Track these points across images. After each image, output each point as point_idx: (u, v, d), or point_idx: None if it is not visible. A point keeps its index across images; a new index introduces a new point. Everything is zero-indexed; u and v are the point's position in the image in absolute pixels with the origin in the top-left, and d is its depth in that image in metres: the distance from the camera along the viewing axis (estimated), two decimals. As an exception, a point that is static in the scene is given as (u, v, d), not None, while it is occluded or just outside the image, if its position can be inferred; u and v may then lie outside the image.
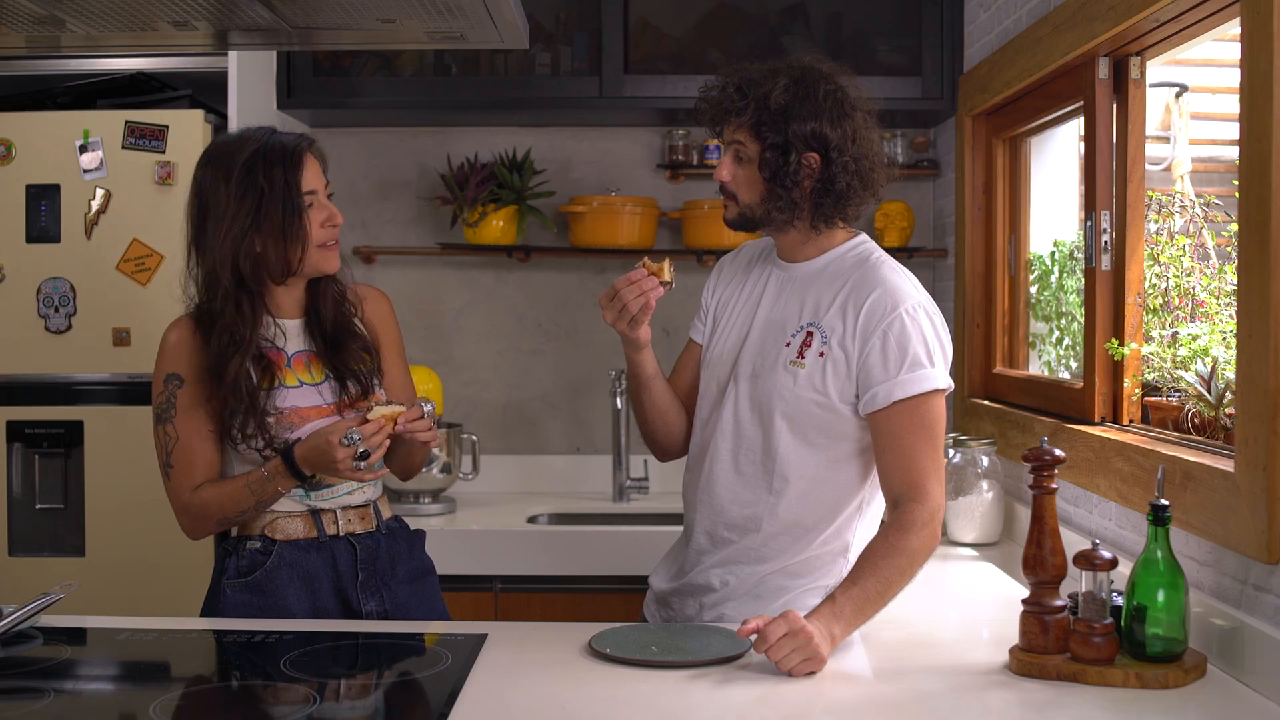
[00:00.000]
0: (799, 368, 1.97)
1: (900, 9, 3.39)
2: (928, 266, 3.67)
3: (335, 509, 2.13)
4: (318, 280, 2.17)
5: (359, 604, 2.11)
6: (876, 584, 1.81)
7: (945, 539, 2.86)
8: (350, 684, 1.76)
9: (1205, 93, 2.81)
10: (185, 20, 1.92)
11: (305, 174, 2.08)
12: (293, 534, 2.11)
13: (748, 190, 2.00)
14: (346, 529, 2.13)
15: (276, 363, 2.11)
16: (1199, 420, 2.11)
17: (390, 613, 2.14)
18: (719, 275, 2.21)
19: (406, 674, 1.79)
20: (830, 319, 1.97)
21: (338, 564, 2.12)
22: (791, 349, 1.99)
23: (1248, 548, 1.73)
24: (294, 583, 2.09)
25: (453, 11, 1.88)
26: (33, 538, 3.07)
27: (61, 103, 3.16)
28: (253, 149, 2.05)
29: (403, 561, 2.20)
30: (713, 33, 3.43)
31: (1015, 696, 1.68)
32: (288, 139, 2.10)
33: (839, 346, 1.95)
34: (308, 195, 2.08)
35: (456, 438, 3.32)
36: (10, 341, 3.05)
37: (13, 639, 1.86)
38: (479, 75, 3.41)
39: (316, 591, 2.10)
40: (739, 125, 1.98)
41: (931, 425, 1.93)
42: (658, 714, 1.60)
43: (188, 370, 2.09)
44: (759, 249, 2.19)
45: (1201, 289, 2.32)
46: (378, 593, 2.14)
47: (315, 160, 2.13)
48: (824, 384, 1.96)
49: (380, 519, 2.20)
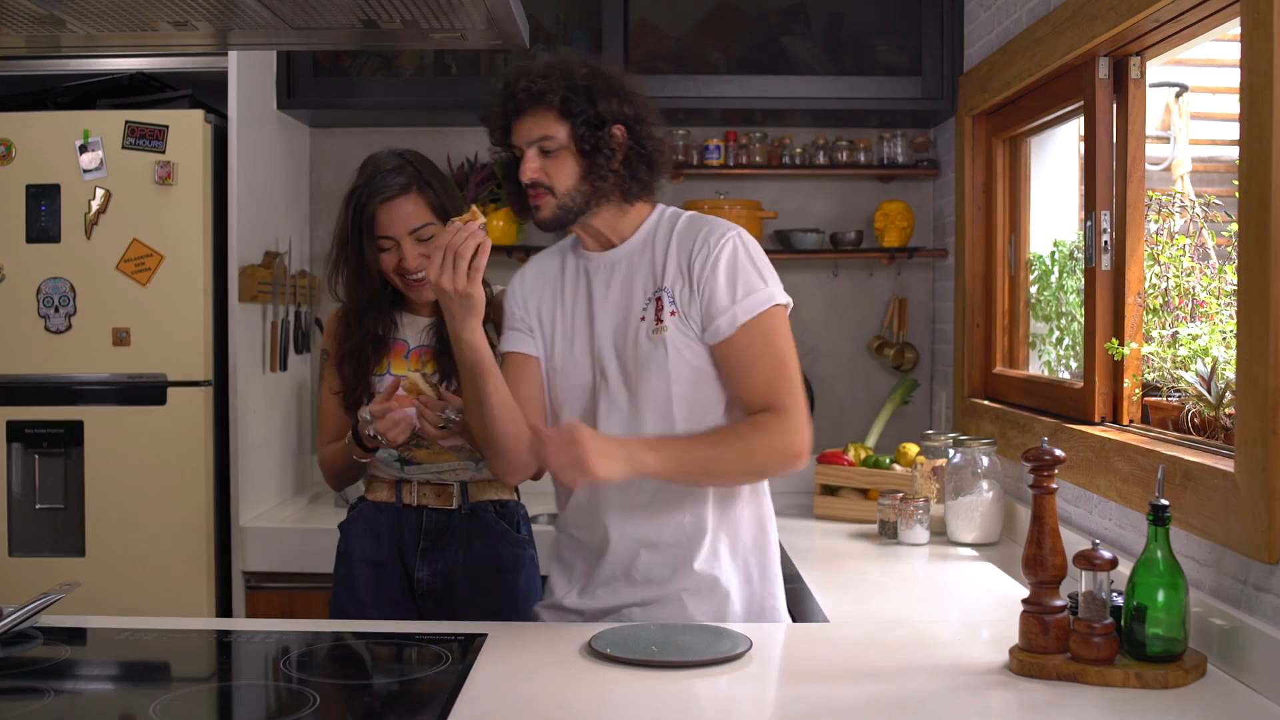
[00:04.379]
0: (663, 332, 1.97)
1: (900, 9, 3.39)
2: (928, 266, 3.67)
3: (416, 482, 2.35)
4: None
5: (414, 568, 2.34)
6: (708, 450, 1.90)
7: (945, 539, 2.86)
8: (350, 684, 1.76)
9: (1205, 93, 2.81)
10: (185, 20, 1.92)
11: (382, 219, 2.25)
12: (378, 496, 2.39)
13: (563, 177, 1.96)
14: (421, 501, 2.35)
15: (395, 351, 2.35)
16: (1199, 420, 2.11)
17: (439, 587, 2.33)
18: (523, 285, 2.12)
19: (406, 674, 1.79)
20: (669, 277, 1.99)
21: (404, 528, 2.35)
22: (648, 320, 1.99)
23: (1248, 548, 1.73)
24: (365, 535, 2.37)
25: (453, 11, 1.88)
26: (33, 538, 3.07)
27: (61, 103, 3.16)
28: (355, 185, 2.29)
29: (475, 546, 2.34)
30: (713, 33, 3.44)
31: (1015, 696, 1.68)
32: (380, 182, 2.26)
33: (683, 296, 1.97)
34: (384, 240, 2.26)
35: (457, 438, 3.32)
36: (10, 341, 3.05)
37: (13, 639, 1.86)
38: (479, 75, 3.42)
39: (379, 546, 2.35)
40: (544, 113, 1.94)
41: (780, 344, 1.95)
42: (658, 714, 1.60)
43: (330, 348, 2.40)
44: (556, 255, 2.13)
45: (1201, 289, 2.32)
46: (434, 564, 2.33)
47: (407, 203, 2.26)
48: (687, 338, 1.97)
49: (465, 500, 2.35)
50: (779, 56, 3.42)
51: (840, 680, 1.72)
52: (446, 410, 2.14)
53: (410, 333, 2.36)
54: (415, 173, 2.29)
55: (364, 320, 2.33)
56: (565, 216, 1.99)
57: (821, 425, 3.70)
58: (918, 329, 3.71)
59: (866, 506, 3.12)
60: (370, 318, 2.33)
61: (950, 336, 3.40)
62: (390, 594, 2.34)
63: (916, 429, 3.59)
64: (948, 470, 2.88)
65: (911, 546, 2.79)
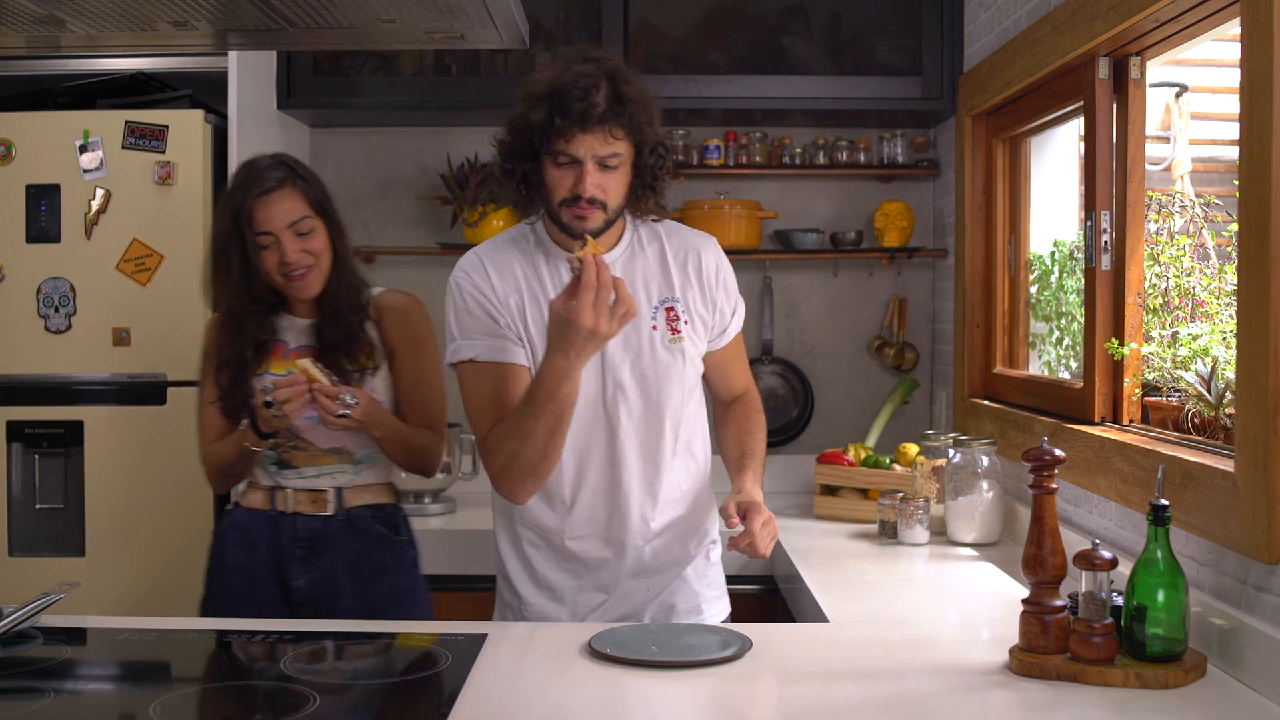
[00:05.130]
0: (680, 342, 2.06)
1: (900, 9, 3.39)
2: (928, 266, 3.67)
3: (291, 489, 2.34)
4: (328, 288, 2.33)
5: (291, 576, 2.31)
6: (763, 450, 2.20)
7: (945, 539, 2.86)
8: (350, 684, 1.76)
9: (1205, 93, 2.80)
10: (185, 20, 1.92)
11: (260, 215, 2.24)
12: (252, 503, 2.37)
13: (616, 193, 1.97)
14: (296, 508, 2.33)
15: (274, 352, 2.33)
16: (1199, 420, 2.11)
17: (318, 594, 2.31)
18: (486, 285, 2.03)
19: (407, 674, 1.79)
20: (676, 288, 2.07)
21: (280, 537, 2.33)
22: (660, 330, 2.05)
23: (1248, 548, 1.73)
24: (238, 544, 2.34)
25: (453, 11, 1.88)
26: (33, 538, 3.07)
27: (61, 103, 3.16)
28: (230, 188, 2.27)
29: (353, 551, 2.33)
30: (713, 33, 3.44)
31: (1015, 696, 1.68)
32: (256, 177, 2.26)
33: (694, 308, 2.09)
34: (263, 236, 2.24)
35: (456, 438, 3.32)
36: (10, 341, 3.05)
37: (13, 639, 1.86)
38: (479, 75, 3.42)
39: (254, 555, 2.33)
40: (616, 130, 1.91)
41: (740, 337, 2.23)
42: (658, 714, 1.60)
43: (211, 352, 2.37)
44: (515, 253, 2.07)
45: (1201, 289, 2.32)
46: (312, 572, 2.31)
47: (286, 196, 2.26)
48: (698, 347, 2.10)
49: (341, 506, 2.34)
50: (779, 56, 3.42)
51: (840, 680, 1.72)
52: (342, 395, 2.19)
53: (290, 334, 2.35)
54: (290, 169, 2.29)
55: (244, 327, 2.30)
56: (606, 227, 2.00)
57: (821, 425, 3.70)
58: (918, 329, 3.71)
59: (866, 506, 3.11)
60: (251, 323, 2.30)
61: (950, 336, 3.40)
62: (263, 604, 2.30)
63: (916, 429, 3.59)
64: (948, 470, 2.88)
65: (911, 546, 2.79)
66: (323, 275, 2.30)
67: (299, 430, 2.30)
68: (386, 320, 2.38)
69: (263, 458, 2.33)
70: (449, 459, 3.30)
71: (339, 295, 2.32)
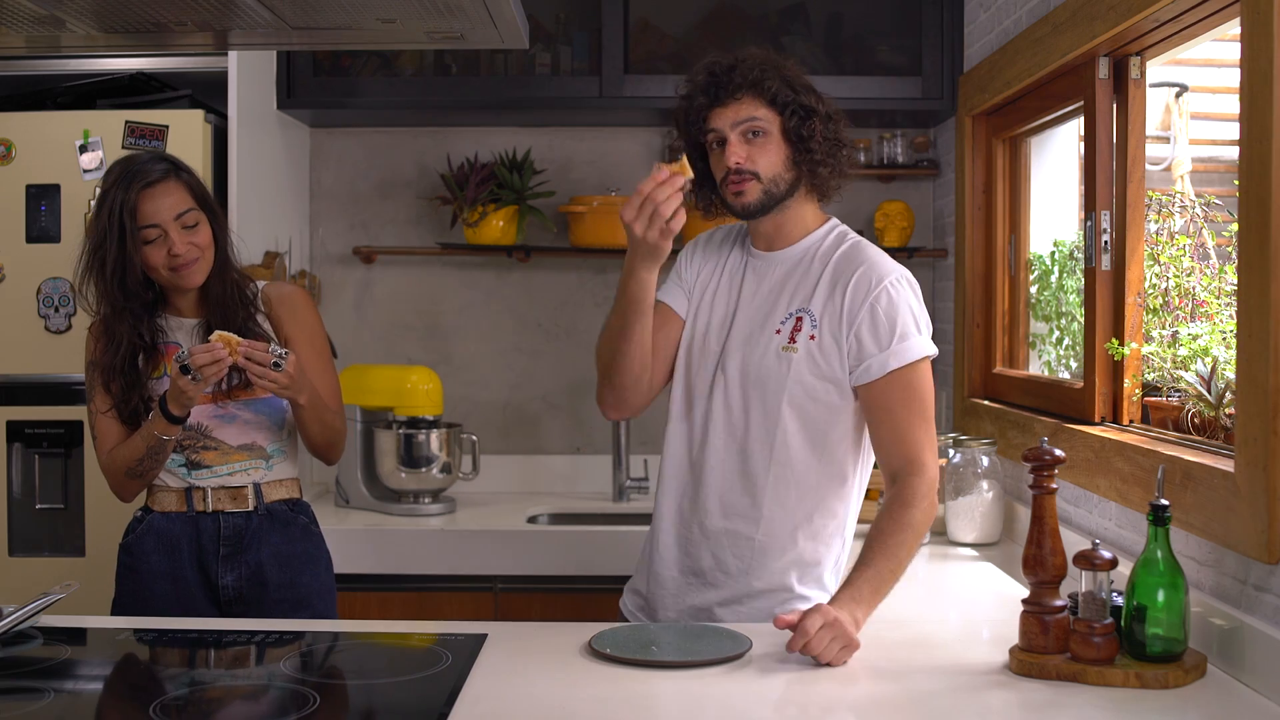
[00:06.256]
0: (792, 353, 2.00)
1: (900, 9, 3.39)
2: (928, 266, 3.67)
3: (208, 488, 2.31)
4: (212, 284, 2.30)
5: (217, 576, 2.30)
6: (888, 563, 1.87)
7: (945, 539, 2.86)
8: (350, 684, 1.76)
9: (1205, 93, 2.81)
10: (185, 20, 1.92)
11: (146, 208, 2.20)
12: (166, 506, 2.33)
13: (769, 162, 2.00)
14: (216, 506, 2.32)
15: (170, 353, 2.28)
16: (1199, 420, 2.11)
17: (246, 590, 2.30)
18: (696, 250, 2.18)
19: (406, 674, 1.79)
20: (817, 301, 2.01)
21: (201, 537, 2.31)
22: (782, 335, 2.02)
23: (1248, 548, 1.73)
24: (158, 549, 2.31)
25: (453, 11, 1.88)
26: (33, 538, 3.07)
27: (61, 103, 3.16)
28: (108, 185, 2.22)
29: (278, 543, 2.33)
30: (713, 33, 3.43)
31: (1015, 696, 1.68)
32: (139, 170, 2.21)
33: (828, 326, 1.99)
34: (149, 230, 2.21)
35: (456, 437, 3.32)
36: (10, 341, 3.05)
37: (13, 639, 1.86)
38: (479, 75, 3.41)
39: (176, 559, 2.30)
40: (750, 99, 1.98)
41: (923, 395, 1.98)
42: (658, 714, 1.60)
43: (97, 360, 2.30)
44: (731, 234, 2.18)
45: (1201, 289, 2.32)
46: (239, 569, 2.31)
47: (171, 189, 2.23)
48: (816, 366, 1.99)
49: (261, 501, 2.34)
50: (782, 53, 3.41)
51: (840, 680, 1.72)
52: (271, 346, 2.18)
53: (181, 335, 2.32)
54: (172, 164, 2.27)
55: (123, 329, 2.25)
56: (769, 201, 2.01)
57: (821, 425, 3.70)
58: (918, 329, 3.70)
59: (867, 506, 3.10)
60: (134, 325, 2.26)
61: (950, 336, 3.40)
62: (189, 606, 2.28)
63: (916, 429, 3.58)
64: (948, 470, 2.88)
65: (911, 546, 2.79)
66: (207, 266, 2.28)
67: (209, 429, 2.29)
68: (276, 310, 2.38)
69: (173, 448, 2.26)
70: (449, 459, 3.30)
71: (224, 289, 2.30)
